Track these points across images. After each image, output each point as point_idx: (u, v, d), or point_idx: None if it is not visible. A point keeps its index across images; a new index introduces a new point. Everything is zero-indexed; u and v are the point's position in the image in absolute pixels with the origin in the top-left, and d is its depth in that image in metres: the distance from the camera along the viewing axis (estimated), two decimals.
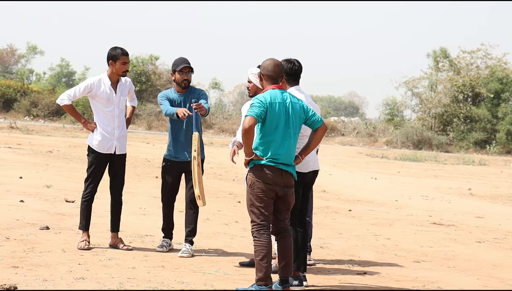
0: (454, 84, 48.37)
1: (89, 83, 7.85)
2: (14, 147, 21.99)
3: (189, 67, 7.98)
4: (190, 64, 7.99)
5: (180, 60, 8.00)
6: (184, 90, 8.01)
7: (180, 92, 8.02)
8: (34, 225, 8.91)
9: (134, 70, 48.71)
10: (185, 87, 7.99)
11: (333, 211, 12.84)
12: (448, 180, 22.07)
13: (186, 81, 7.96)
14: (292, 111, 6.18)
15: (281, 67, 6.30)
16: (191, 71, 8.01)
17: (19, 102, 47.10)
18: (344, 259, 8.26)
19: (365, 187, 18.22)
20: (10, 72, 70.78)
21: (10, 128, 33.67)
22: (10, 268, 6.55)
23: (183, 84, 7.97)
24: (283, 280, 6.20)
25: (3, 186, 12.36)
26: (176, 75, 7.98)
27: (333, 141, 48.64)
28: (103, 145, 7.86)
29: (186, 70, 7.96)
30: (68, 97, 7.85)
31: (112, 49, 7.88)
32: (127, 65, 7.94)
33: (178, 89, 8.03)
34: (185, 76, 7.96)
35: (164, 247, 7.97)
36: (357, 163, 28.30)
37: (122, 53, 7.85)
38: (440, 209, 14.14)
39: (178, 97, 8.00)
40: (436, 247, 9.55)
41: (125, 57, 7.88)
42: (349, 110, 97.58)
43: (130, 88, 8.12)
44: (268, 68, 6.26)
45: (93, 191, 7.91)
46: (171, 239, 8.14)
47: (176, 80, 7.99)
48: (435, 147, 44.57)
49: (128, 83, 8.08)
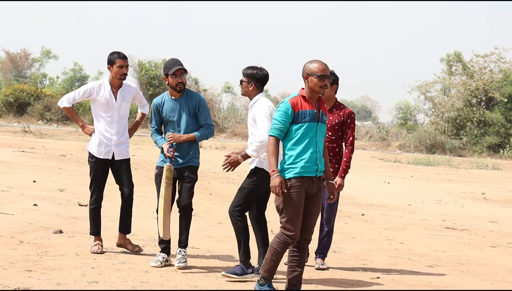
0: (468, 88, 48.15)
1: (89, 88, 7.86)
2: (27, 151, 22.09)
3: (183, 69, 7.37)
4: (183, 65, 7.39)
5: (172, 62, 7.41)
6: (179, 94, 7.41)
7: (175, 97, 7.42)
8: (48, 228, 8.95)
9: (147, 74, 48.84)
10: (180, 91, 7.39)
11: (346, 215, 12.81)
12: (461, 184, 21.96)
13: (181, 84, 7.35)
14: None
15: None
16: (185, 72, 7.39)
17: (33, 107, 47.30)
18: (357, 264, 8.23)
19: (378, 191, 18.17)
20: (24, 76, 71.05)
21: (24, 132, 33.83)
22: (24, 271, 6.57)
23: (178, 88, 7.36)
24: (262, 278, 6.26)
25: (16, 190, 12.41)
26: (169, 79, 7.36)
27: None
28: (100, 150, 7.84)
29: (179, 72, 7.35)
30: (67, 100, 7.90)
31: (110, 54, 7.86)
32: (124, 69, 7.81)
33: (173, 93, 7.43)
34: (179, 79, 7.34)
35: (158, 261, 7.37)
36: (370, 167, 28.22)
37: (119, 56, 7.79)
38: (453, 214, 14.07)
39: (174, 104, 7.40)
40: (450, 251, 9.51)
41: (122, 61, 7.79)
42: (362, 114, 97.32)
43: (135, 95, 8.02)
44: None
45: (98, 197, 7.89)
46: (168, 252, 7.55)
47: (170, 85, 7.38)
48: (448, 151, 44.37)
49: (132, 89, 7.99)
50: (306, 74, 6.18)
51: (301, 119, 6.07)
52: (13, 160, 18.58)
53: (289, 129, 6.10)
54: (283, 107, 6.08)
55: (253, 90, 7.17)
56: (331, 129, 7.71)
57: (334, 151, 7.74)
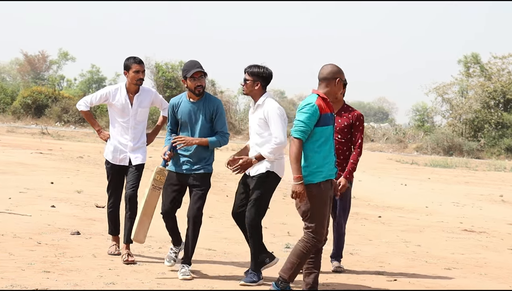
0: (485, 90, 47.91)
1: (105, 92, 7.77)
2: (45, 153, 22.22)
3: (202, 72, 7.06)
4: (202, 68, 7.07)
5: (191, 64, 7.10)
6: (198, 97, 7.10)
7: (193, 100, 7.12)
8: (65, 230, 8.99)
9: (164, 76, 48.97)
10: (199, 94, 7.07)
11: (363, 217, 12.78)
12: (479, 187, 21.84)
13: (200, 88, 7.03)
14: None
15: None
16: (204, 75, 7.10)
17: (51, 108, 47.57)
18: (374, 266, 8.21)
19: (395, 193, 18.11)
20: (42, 78, 71.52)
21: (42, 134, 34.05)
22: (42, 272, 6.61)
23: (197, 91, 7.04)
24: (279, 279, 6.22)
25: (34, 191, 12.49)
26: (187, 82, 7.05)
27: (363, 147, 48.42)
28: (115, 157, 7.74)
29: (198, 75, 7.03)
30: (85, 103, 7.85)
31: (126, 59, 7.72)
32: (140, 74, 7.64)
33: (192, 96, 7.11)
34: (198, 82, 7.02)
35: (171, 259, 7.26)
36: (387, 169, 28.13)
37: (134, 61, 7.64)
38: (471, 216, 14.00)
39: (191, 107, 7.09)
40: (468, 254, 9.45)
41: (138, 66, 7.63)
42: (379, 116, 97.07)
43: (154, 99, 7.85)
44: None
45: (115, 200, 7.83)
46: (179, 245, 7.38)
47: (189, 88, 7.07)
48: (466, 153, 44.15)
49: (150, 94, 7.83)
50: (336, 77, 6.18)
51: (326, 122, 6.08)
52: (31, 162, 18.70)
53: (313, 131, 6.05)
54: (310, 110, 6.00)
55: (258, 89, 6.96)
56: (340, 132, 7.67)
57: (344, 153, 7.70)
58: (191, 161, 7.06)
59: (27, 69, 74.02)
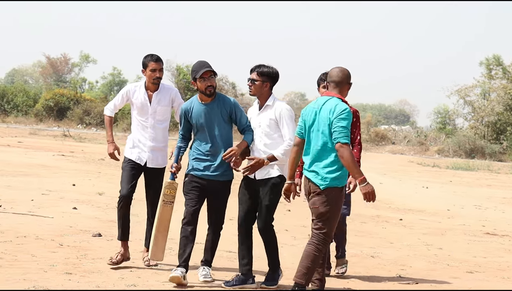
0: (508, 92, 47.57)
1: (126, 91, 7.59)
2: (67, 155, 22.37)
3: (211, 71, 6.80)
4: (211, 67, 6.81)
5: (199, 65, 6.83)
6: (210, 99, 6.83)
7: (205, 101, 6.85)
8: (87, 232, 9.04)
9: (185, 78, 49.09)
10: (210, 95, 6.80)
11: (384, 220, 12.73)
12: (501, 190, 21.68)
13: (211, 88, 6.76)
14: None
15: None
16: (214, 75, 6.85)
17: (72, 111, 47.93)
18: (395, 269, 8.17)
19: (416, 196, 18.02)
20: (64, 81, 72.01)
21: (64, 136, 34.30)
22: (64, 274, 6.64)
23: (208, 92, 6.76)
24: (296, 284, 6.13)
25: (56, 193, 12.57)
26: (197, 83, 6.81)
27: (384, 149, 48.27)
28: (133, 153, 7.52)
29: (207, 75, 6.77)
30: (109, 109, 7.67)
31: (144, 57, 7.52)
32: (157, 72, 7.39)
33: (203, 98, 6.85)
34: (208, 82, 6.76)
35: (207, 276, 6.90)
36: (408, 171, 28.00)
37: (151, 59, 7.42)
38: (493, 219, 13.89)
39: (204, 110, 6.82)
40: (490, 257, 9.39)
41: (155, 64, 7.38)
42: (400, 118, 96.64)
43: (174, 98, 7.57)
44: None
45: (123, 195, 7.38)
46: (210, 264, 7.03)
47: (199, 89, 6.81)
48: (488, 155, 43.85)
49: (170, 91, 7.59)
50: (350, 82, 6.23)
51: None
52: (53, 164, 18.83)
53: None
54: (349, 115, 5.99)
55: (267, 90, 6.81)
56: None
57: None
58: (212, 164, 6.81)
59: (49, 72, 74.54)
